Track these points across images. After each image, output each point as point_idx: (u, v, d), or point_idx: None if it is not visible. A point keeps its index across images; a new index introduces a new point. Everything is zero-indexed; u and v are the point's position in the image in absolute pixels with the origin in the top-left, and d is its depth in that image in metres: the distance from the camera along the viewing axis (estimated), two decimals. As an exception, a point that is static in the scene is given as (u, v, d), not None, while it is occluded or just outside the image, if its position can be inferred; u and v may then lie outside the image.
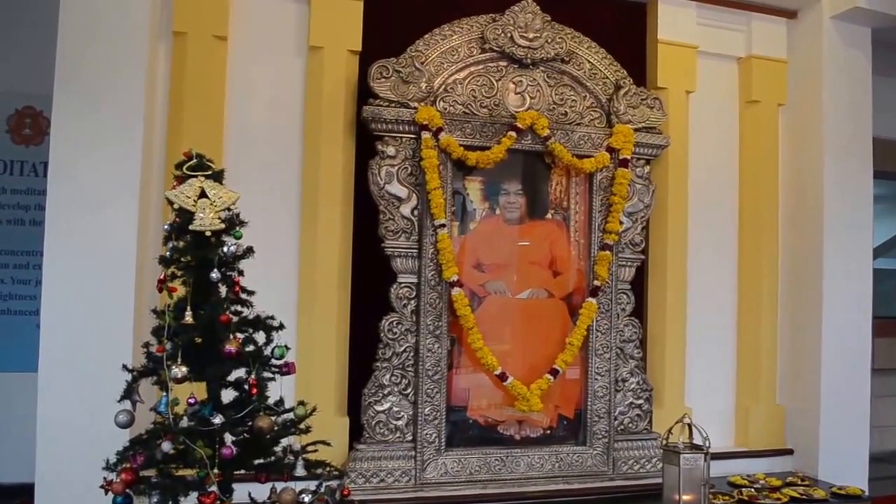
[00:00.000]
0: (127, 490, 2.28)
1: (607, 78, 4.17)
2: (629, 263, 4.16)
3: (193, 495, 2.33)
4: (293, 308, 3.75)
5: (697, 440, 3.62)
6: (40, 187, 4.95)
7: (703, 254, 4.58)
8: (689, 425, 3.63)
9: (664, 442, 3.65)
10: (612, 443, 4.07)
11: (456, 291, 3.76)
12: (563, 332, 4.04)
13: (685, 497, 3.54)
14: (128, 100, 3.46)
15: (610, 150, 4.07)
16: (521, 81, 4.02)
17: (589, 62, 4.14)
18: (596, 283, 4.02)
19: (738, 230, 4.72)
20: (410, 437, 3.77)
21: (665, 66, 4.44)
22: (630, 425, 4.15)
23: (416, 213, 3.80)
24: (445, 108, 3.87)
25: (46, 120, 4.99)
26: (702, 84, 4.56)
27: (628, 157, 4.08)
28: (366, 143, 3.83)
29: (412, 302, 3.79)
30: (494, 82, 3.98)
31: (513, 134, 3.87)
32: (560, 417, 4.07)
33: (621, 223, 4.07)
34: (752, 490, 4.09)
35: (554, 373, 3.93)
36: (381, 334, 3.75)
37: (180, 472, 2.38)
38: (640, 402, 4.17)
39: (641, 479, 4.09)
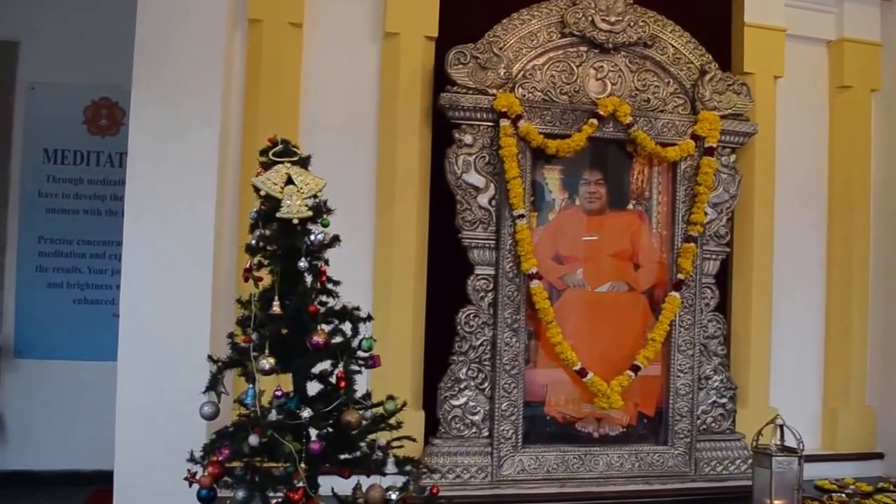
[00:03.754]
0: (213, 483, 2.23)
1: (692, 63, 4.00)
2: (714, 256, 4.00)
3: (276, 489, 2.28)
4: (368, 300, 3.68)
5: (788, 442, 3.46)
6: (116, 177, 4.99)
7: (790, 247, 4.38)
8: (781, 426, 3.47)
9: (754, 443, 3.50)
10: (695, 443, 3.93)
11: (535, 284, 3.66)
12: (643, 327, 3.91)
13: (777, 502, 3.39)
14: (205, 89, 3.44)
15: (694, 137, 3.91)
16: (602, 67, 3.89)
17: (672, 46, 3.99)
18: (679, 276, 3.87)
19: (828, 223, 4.52)
20: (487, 433, 3.69)
21: (752, 49, 4.26)
22: (713, 425, 3.99)
23: (493, 203, 3.70)
24: (524, 95, 3.77)
25: (122, 111, 5.03)
26: (790, 69, 4.36)
27: (714, 145, 3.92)
28: (442, 132, 3.75)
29: (489, 294, 3.70)
30: (574, 68, 3.86)
31: (594, 121, 3.75)
32: (640, 415, 3.94)
33: (706, 214, 3.92)
34: (843, 496, 3.90)
35: (635, 369, 3.80)
36: (458, 327, 3.68)
37: (264, 466, 2.33)
38: (724, 400, 4.01)
39: (725, 482, 3.93)
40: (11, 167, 5.14)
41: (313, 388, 2.44)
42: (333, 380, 2.32)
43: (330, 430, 2.31)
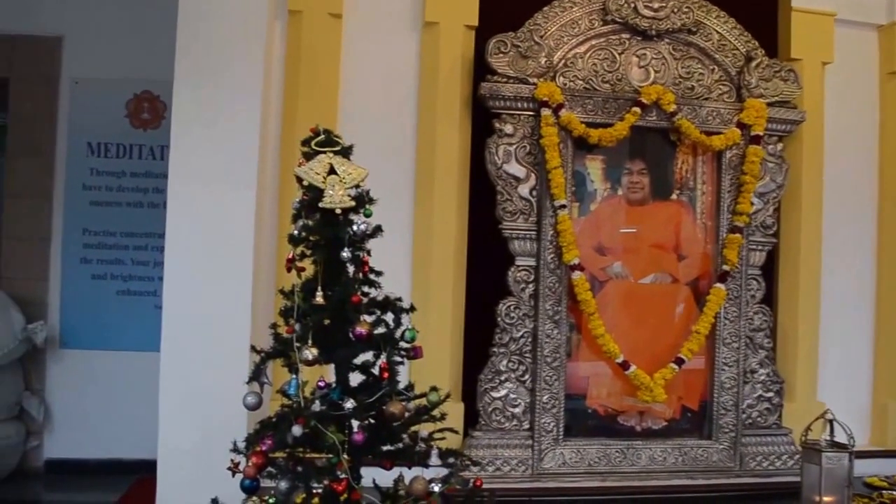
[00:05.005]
0: (257, 474, 2.23)
1: (737, 49, 3.92)
2: (760, 247, 3.92)
3: (320, 480, 2.27)
4: (407, 290, 3.66)
5: (838, 438, 3.38)
6: (158, 170, 5.05)
7: (839, 238, 4.26)
8: (831, 421, 3.38)
9: (803, 438, 3.42)
10: (740, 437, 3.85)
11: (576, 275, 3.62)
12: (687, 319, 3.84)
13: (826, 498, 3.30)
14: (245, 81, 3.46)
15: (740, 126, 3.83)
16: (644, 54, 3.83)
17: (717, 33, 3.90)
18: (725, 267, 3.80)
19: (878, 213, 4.38)
20: (527, 426, 3.66)
21: (799, 35, 4.14)
22: (759, 419, 3.91)
23: (534, 193, 3.66)
24: (565, 84, 3.71)
25: (163, 104, 5.08)
26: (839, 54, 4.23)
27: (760, 134, 3.83)
28: (483, 122, 3.72)
29: (530, 286, 3.66)
30: (617, 56, 3.80)
31: (637, 110, 3.69)
32: (683, 409, 3.88)
33: (752, 204, 3.84)
34: (894, 493, 3.79)
35: (679, 362, 3.74)
36: (498, 319, 3.65)
37: (307, 456, 2.33)
38: (770, 395, 3.93)
39: (771, 477, 3.85)
40: (56, 160, 5.23)
41: (356, 378, 2.43)
42: (376, 371, 2.31)
43: (372, 421, 2.29)
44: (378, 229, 2.36)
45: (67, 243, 5.22)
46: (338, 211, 2.26)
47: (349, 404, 2.19)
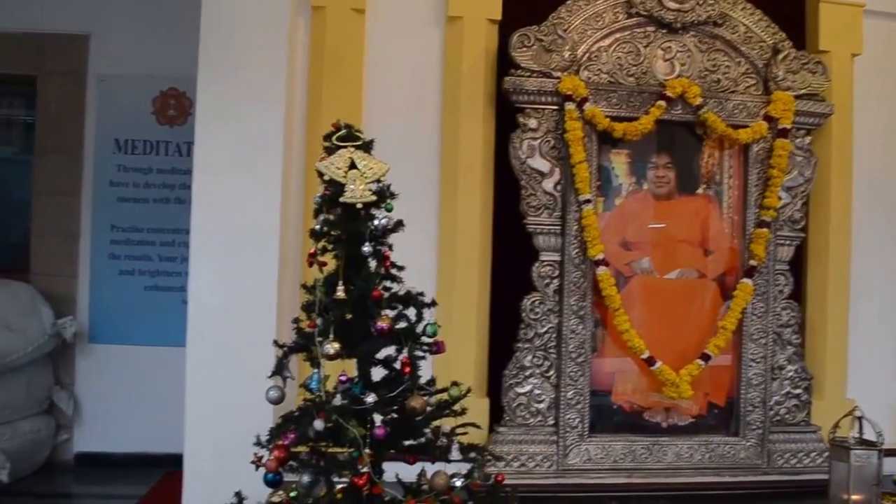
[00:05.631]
0: (279, 467, 2.24)
1: (764, 41, 3.86)
2: (788, 242, 3.86)
3: (342, 474, 2.28)
4: (432, 285, 3.65)
5: (867, 435, 3.33)
6: (184, 167, 5.10)
7: (869, 232, 4.17)
8: (860, 419, 3.33)
9: (831, 436, 3.37)
10: (767, 434, 3.80)
11: (601, 270, 3.59)
12: (714, 315, 3.80)
13: (854, 497, 3.25)
14: (270, 77, 3.49)
15: (767, 119, 3.77)
16: (670, 47, 3.78)
17: (744, 25, 3.84)
18: (752, 262, 3.75)
19: (909, 206, 4.30)
20: (552, 422, 3.64)
21: (827, 26, 4.06)
22: (787, 416, 3.86)
23: (559, 188, 3.64)
24: (590, 78, 3.68)
25: (189, 100, 5.13)
26: (869, 46, 4.14)
27: (788, 127, 3.77)
28: (506, 116, 3.70)
29: (555, 281, 3.64)
30: (642, 49, 3.76)
31: (662, 103, 3.65)
32: (710, 406, 3.83)
33: (780, 198, 3.78)
34: (925, 491, 3.73)
35: (705, 358, 3.70)
36: (523, 314, 3.63)
37: (329, 451, 2.33)
38: (799, 391, 3.87)
39: (799, 475, 3.79)
40: (84, 157, 5.30)
41: (378, 373, 2.43)
42: (398, 365, 2.31)
43: (395, 415, 2.29)
44: (399, 224, 2.35)
45: (96, 239, 5.30)
46: (359, 205, 2.26)
47: (370, 399, 2.19)
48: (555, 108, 3.62)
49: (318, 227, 2.34)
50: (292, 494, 2.25)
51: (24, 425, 4.86)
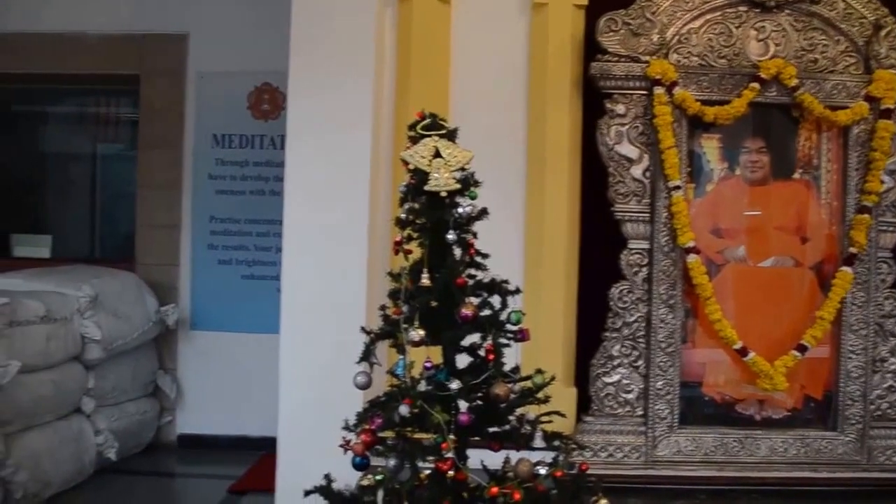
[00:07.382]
0: (366, 451, 2.29)
1: (864, 18, 3.68)
2: (890, 228, 3.69)
3: (426, 459, 2.31)
4: (519, 274, 3.64)
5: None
6: (278, 159, 5.20)
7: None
8: (970, 413, 3.17)
9: (938, 431, 3.21)
10: (868, 430, 3.65)
11: (692, 258, 3.52)
12: (811, 305, 3.67)
13: (964, 495, 3.09)
14: (358, 69, 3.56)
15: (869, 99, 3.60)
16: (763, 27, 3.66)
17: (843, 1, 3.68)
18: (852, 250, 3.60)
19: None
20: (641, 412, 3.60)
21: (936, 0, 3.86)
22: (889, 411, 3.70)
23: (647, 174, 3.58)
24: (679, 61, 3.61)
25: (282, 95, 5.25)
26: (981, 20, 3.90)
27: (891, 107, 3.59)
28: (594, 102, 3.66)
29: (644, 269, 3.59)
30: (733, 30, 3.65)
31: (755, 85, 3.54)
32: (806, 398, 3.71)
33: (882, 182, 3.62)
34: None
35: (801, 349, 3.58)
36: (611, 303, 3.60)
37: (415, 436, 2.37)
38: (902, 385, 3.71)
39: (903, 472, 3.64)
40: (185, 152, 5.51)
41: (463, 360, 2.45)
42: (482, 353, 2.32)
43: (479, 402, 2.31)
44: (483, 212, 2.37)
45: (196, 230, 5.50)
46: (443, 194, 2.28)
47: (454, 385, 2.22)
48: (643, 92, 3.57)
49: (403, 215, 2.37)
50: (378, 478, 2.29)
51: (130, 407, 5.10)
